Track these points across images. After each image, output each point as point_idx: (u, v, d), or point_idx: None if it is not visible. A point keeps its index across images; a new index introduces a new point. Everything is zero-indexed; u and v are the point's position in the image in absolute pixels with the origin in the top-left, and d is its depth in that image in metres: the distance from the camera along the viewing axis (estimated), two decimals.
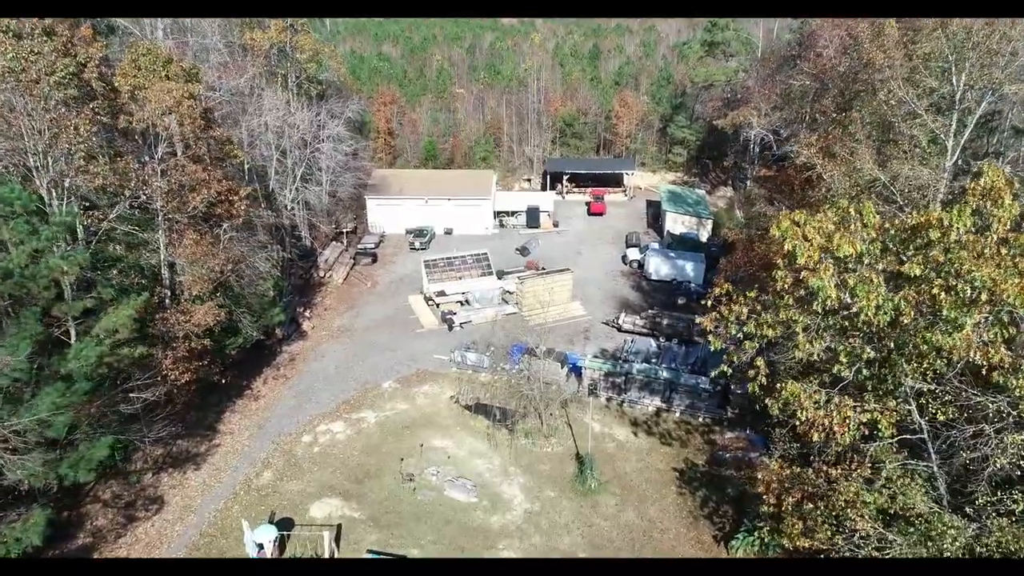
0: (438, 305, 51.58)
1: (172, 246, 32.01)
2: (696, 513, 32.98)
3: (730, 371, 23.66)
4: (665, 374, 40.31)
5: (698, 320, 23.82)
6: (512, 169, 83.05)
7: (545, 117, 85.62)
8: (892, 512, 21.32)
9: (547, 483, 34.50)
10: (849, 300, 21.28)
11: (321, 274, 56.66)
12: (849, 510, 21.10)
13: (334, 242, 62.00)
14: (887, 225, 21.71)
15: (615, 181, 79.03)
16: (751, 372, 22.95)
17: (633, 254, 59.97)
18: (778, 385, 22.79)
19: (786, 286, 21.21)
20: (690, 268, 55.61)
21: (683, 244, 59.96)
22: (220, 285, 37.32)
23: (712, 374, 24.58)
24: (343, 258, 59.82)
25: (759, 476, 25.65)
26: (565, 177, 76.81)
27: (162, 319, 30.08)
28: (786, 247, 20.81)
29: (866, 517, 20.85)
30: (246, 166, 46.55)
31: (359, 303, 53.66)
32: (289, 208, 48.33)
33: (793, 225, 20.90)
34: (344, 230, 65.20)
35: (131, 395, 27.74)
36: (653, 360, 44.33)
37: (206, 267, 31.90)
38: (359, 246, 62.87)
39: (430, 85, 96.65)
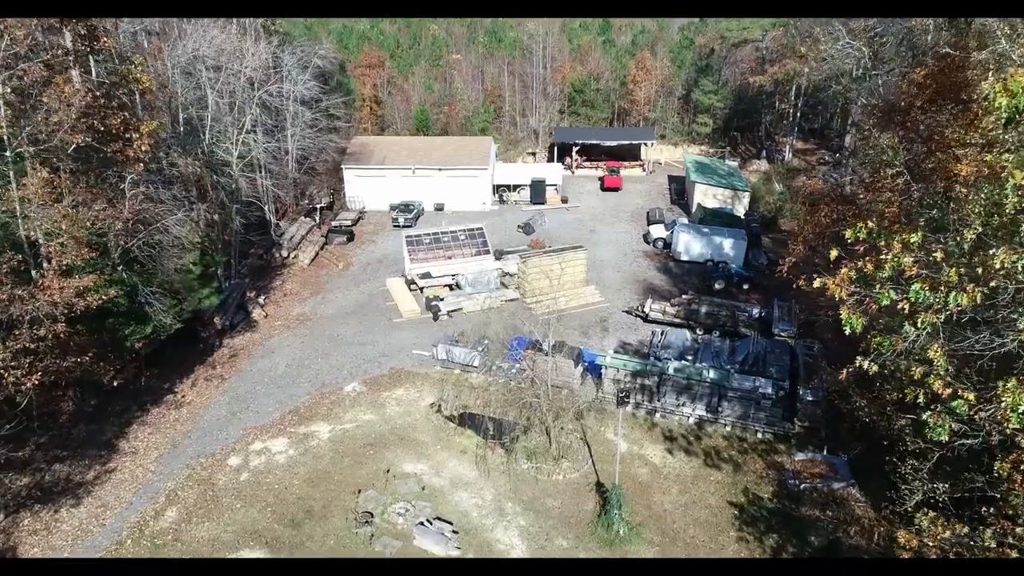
0: (422, 290, 42.13)
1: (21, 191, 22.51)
2: None
3: (875, 367, 13.99)
4: (712, 375, 30.68)
5: (817, 282, 14.13)
6: (515, 141, 73.40)
7: (552, 86, 75.95)
8: None
9: (558, 526, 24.93)
10: None
11: (285, 254, 47.24)
12: None
13: (304, 218, 52.55)
14: None
15: (632, 155, 69.47)
16: (916, 370, 13.38)
17: (657, 231, 50.35)
18: (959, 390, 13.28)
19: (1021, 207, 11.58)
20: (728, 246, 45.92)
21: (717, 219, 50.25)
22: (125, 253, 28.00)
23: (862, 362, 14.69)
24: (313, 236, 50.40)
25: (900, 539, 15.92)
26: (575, 149, 67.23)
27: None
28: None
29: None
30: (180, 115, 37.07)
31: (327, 287, 44.18)
32: (236, 167, 38.81)
33: None
34: (318, 205, 55.82)
35: None
36: (689, 356, 34.78)
37: (69, 220, 22.36)
38: (333, 223, 53.45)
39: (424, 52, 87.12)
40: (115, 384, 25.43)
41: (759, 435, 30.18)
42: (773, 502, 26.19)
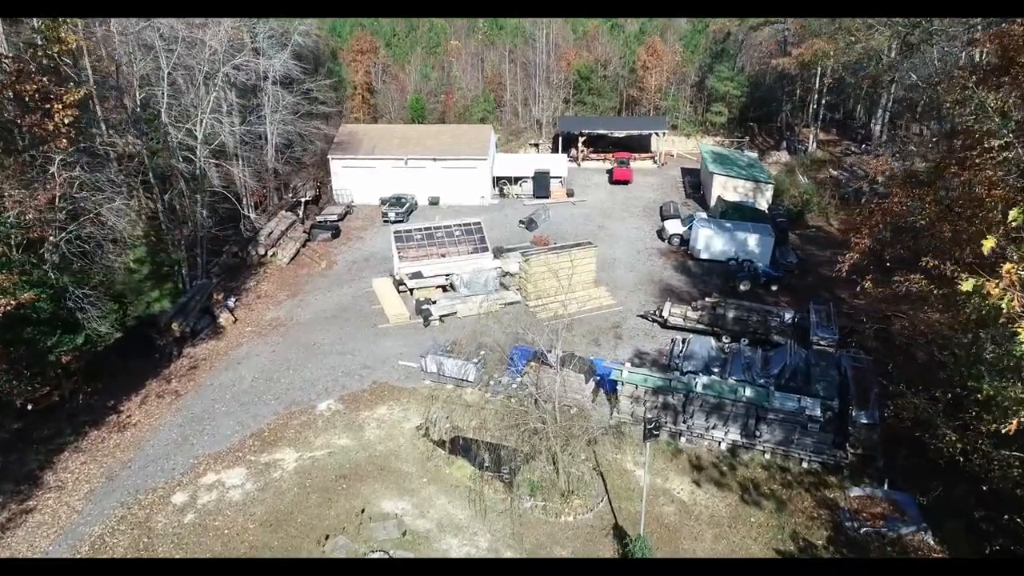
0: (411, 291, 37.55)
1: None
2: None
3: None
4: (748, 393, 26.03)
5: (966, 285, 9.51)
6: (516, 132, 68.75)
7: (556, 73, 71.29)
8: None
9: None
10: None
11: (262, 251, 42.64)
12: None
13: (285, 212, 47.95)
14: None
15: (641, 146, 64.85)
16: None
17: (673, 227, 45.71)
18: None
19: None
20: (753, 242, 41.31)
21: (740, 213, 45.63)
22: (54, 249, 23.46)
23: None
24: (294, 232, 45.81)
25: None
26: (581, 140, 62.55)
27: None
28: None
29: None
30: (137, 91, 32.49)
31: (305, 289, 39.60)
32: (202, 152, 34.08)
33: None
34: (302, 199, 51.27)
35: None
36: (716, 368, 30.22)
37: None
38: (317, 218, 48.88)
39: (421, 40, 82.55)
40: (29, 407, 20.79)
41: (804, 464, 25.55)
42: (830, 551, 21.57)
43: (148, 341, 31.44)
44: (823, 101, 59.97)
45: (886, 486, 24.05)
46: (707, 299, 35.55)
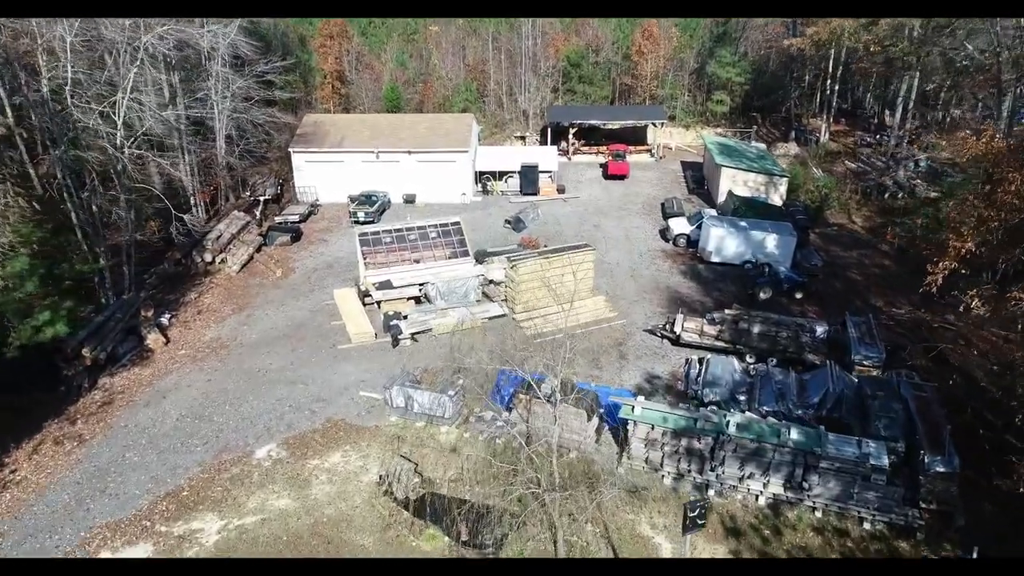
0: (379, 304, 32.03)
1: None
2: None
3: None
4: (796, 436, 20.72)
5: None
6: (501, 124, 63.19)
7: (544, 61, 65.89)
8: None
9: None
10: None
11: (208, 258, 36.90)
12: None
13: (237, 212, 42.16)
14: None
15: (637, 138, 59.63)
16: None
17: (679, 226, 40.45)
18: None
19: None
20: (773, 243, 36.15)
21: (754, 210, 40.41)
22: None
23: None
24: (249, 235, 40.06)
25: None
26: (571, 132, 57.17)
27: None
28: None
29: None
30: (45, 71, 26.68)
31: (256, 302, 33.91)
32: (124, 142, 28.28)
33: None
34: (261, 198, 45.50)
35: None
36: (742, 395, 25.10)
37: None
38: (276, 219, 43.16)
39: (398, 26, 76.94)
40: None
41: (867, 525, 20.30)
42: None
43: (54, 371, 25.72)
44: (836, 87, 54.90)
45: (975, 555, 18.82)
46: (727, 311, 30.24)
